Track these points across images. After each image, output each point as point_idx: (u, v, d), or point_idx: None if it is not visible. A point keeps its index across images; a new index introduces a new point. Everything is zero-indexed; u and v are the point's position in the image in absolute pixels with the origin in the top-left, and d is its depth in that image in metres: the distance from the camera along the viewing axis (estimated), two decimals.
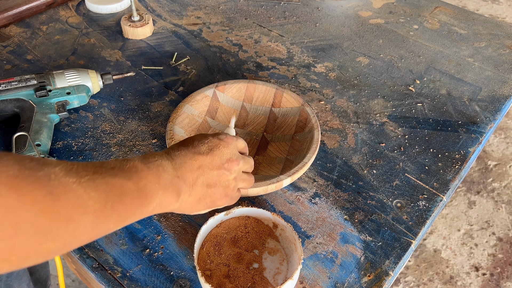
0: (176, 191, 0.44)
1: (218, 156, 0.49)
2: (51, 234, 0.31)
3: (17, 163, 0.31)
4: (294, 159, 0.66)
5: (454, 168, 0.70)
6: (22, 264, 0.31)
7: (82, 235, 0.34)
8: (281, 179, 0.59)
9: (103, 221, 0.36)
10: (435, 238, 1.59)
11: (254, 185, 0.58)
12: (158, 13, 1.02)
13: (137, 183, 0.39)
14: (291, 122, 0.72)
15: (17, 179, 0.30)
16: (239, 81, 0.74)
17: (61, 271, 0.59)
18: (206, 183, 0.48)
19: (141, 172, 0.41)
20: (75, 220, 0.33)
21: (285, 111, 0.73)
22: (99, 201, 0.35)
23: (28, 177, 0.30)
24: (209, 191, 0.49)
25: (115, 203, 0.37)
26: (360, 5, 1.07)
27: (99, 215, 0.35)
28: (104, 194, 0.36)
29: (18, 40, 0.93)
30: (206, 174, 0.48)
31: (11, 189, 0.29)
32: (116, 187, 0.37)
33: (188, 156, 0.48)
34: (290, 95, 0.73)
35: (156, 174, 0.42)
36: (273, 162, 0.68)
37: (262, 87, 0.74)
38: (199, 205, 0.49)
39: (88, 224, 0.34)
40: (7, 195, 0.29)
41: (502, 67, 0.89)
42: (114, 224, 0.37)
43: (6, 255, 0.29)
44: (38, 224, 0.30)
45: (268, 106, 0.74)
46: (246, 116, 0.75)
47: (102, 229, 0.36)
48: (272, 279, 0.55)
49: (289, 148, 0.69)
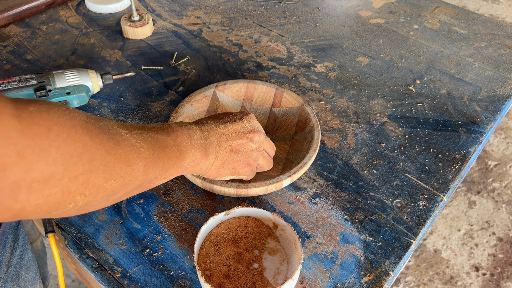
0: (204, 151, 0.50)
1: (240, 126, 0.55)
2: (115, 173, 0.36)
3: (84, 113, 0.35)
4: (294, 159, 0.65)
5: (454, 168, 0.70)
6: (93, 200, 0.35)
7: (136, 178, 0.39)
8: (281, 179, 0.59)
9: (152, 167, 0.41)
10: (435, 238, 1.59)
11: (254, 185, 0.58)
12: (158, 13, 1.02)
13: (174, 140, 0.46)
14: (291, 122, 0.72)
15: (87, 124, 0.34)
16: (239, 81, 0.74)
17: (61, 271, 0.59)
18: (229, 148, 0.54)
19: (176, 131, 0.47)
20: (132, 163, 0.38)
21: (285, 111, 0.73)
22: (148, 150, 0.41)
23: (94, 123, 0.35)
24: (232, 156, 0.54)
25: (160, 153, 0.43)
26: (360, 5, 1.06)
27: (149, 161, 0.41)
28: (151, 145, 0.41)
29: (18, 40, 0.93)
30: (229, 141, 0.54)
31: (85, 130, 0.33)
32: (159, 140, 0.43)
33: (214, 124, 0.54)
34: (290, 95, 0.73)
35: (188, 134, 0.48)
36: (273, 162, 0.68)
37: (262, 87, 0.74)
38: (223, 169, 0.54)
39: (141, 168, 0.39)
40: (83, 134, 0.33)
41: (502, 67, 0.89)
42: (160, 172, 0.43)
43: (82, 189, 0.33)
44: (106, 163, 0.35)
45: (268, 106, 0.74)
46: None
47: (150, 175, 0.42)
48: (272, 279, 0.55)
49: (289, 148, 0.69)
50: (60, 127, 0.31)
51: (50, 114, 0.31)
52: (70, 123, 0.32)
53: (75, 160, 0.32)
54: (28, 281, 0.65)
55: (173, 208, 0.63)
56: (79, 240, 0.60)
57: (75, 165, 0.32)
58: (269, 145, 0.59)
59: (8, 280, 0.61)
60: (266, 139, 0.58)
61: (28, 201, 0.30)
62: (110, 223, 0.62)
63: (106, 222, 0.62)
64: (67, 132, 0.32)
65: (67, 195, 0.32)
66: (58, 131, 0.31)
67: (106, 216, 0.63)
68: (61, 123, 0.31)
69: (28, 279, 0.66)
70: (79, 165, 0.32)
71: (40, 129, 0.30)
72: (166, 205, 0.64)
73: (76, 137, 0.32)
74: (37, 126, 0.29)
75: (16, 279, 0.63)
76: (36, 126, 0.29)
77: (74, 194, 0.33)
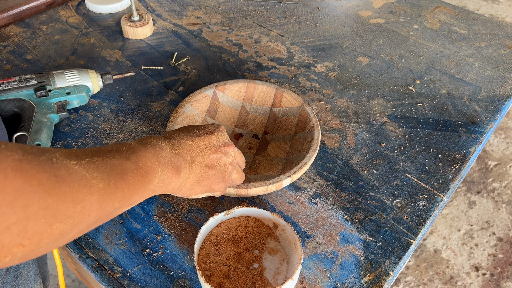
0: (175, 168, 0.45)
1: (214, 139, 0.51)
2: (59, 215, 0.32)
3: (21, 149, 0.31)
4: (294, 159, 0.65)
5: (454, 168, 0.70)
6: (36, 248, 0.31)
7: (89, 215, 0.35)
8: (281, 179, 0.59)
9: (109, 200, 0.36)
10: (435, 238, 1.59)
11: (254, 185, 0.58)
12: (158, 13, 1.02)
13: (136, 162, 0.41)
14: (291, 122, 0.72)
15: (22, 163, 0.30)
16: (239, 81, 0.74)
17: (61, 271, 0.59)
18: (204, 163, 0.50)
19: (138, 152, 0.42)
20: (81, 199, 0.34)
21: (285, 111, 0.73)
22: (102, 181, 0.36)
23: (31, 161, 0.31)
24: (207, 172, 0.50)
25: (117, 181, 0.37)
26: (360, 5, 1.06)
27: (104, 194, 0.36)
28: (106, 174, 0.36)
29: (18, 40, 0.93)
30: (204, 155, 0.49)
31: (18, 172, 0.29)
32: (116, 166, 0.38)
33: (185, 138, 0.49)
34: (290, 95, 0.73)
35: (153, 152, 0.43)
36: (273, 162, 0.68)
37: (262, 87, 0.74)
38: (198, 186, 0.50)
39: (94, 203, 0.35)
40: (14, 178, 0.29)
41: (502, 67, 0.89)
42: (120, 203, 0.38)
43: (19, 239, 0.30)
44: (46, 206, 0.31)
45: (268, 106, 0.74)
46: (246, 116, 0.75)
47: (108, 208, 0.37)
48: (272, 279, 0.55)
49: (289, 148, 0.69)
50: None
51: None
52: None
53: (5, 209, 0.28)
54: (28, 280, 0.66)
55: (173, 208, 0.63)
56: (79, 240, 0.60)
57: (4, 215, 0.28)
58: (241, 158, 0.57)
59: (8, 279, 0.61)
60: (239, 152, 0.56)
61: None
62: (110, 223, 0.62)
63: (106, 222, 0.62)
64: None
65: (0, 249, 0.29)
66: None
67: None
68: None
69: (29, 279, 0.66)
70: (11, 214, 0.28)
71: None
72: (166, 205, 0.64)
73: (5, 183, 0.28)
74: None
75: (17, 278, 0.63)
76: None
77: (9, 247, 0.29)
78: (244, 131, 0.74)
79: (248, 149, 0.72)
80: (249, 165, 0.68)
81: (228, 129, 0.74)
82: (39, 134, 0.68)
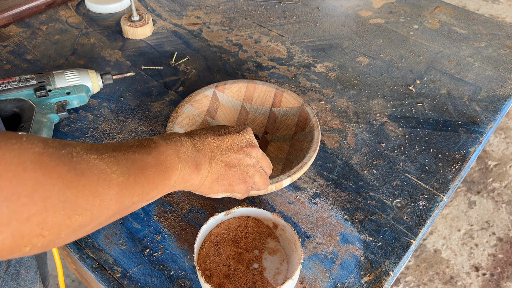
0: (196, 165, 0.46)
1: (237, 139, 0.50)
2: (78, 208, 0.33)
3: (42, 142, 0.32)
4: (294, 159, 0.65)
5: (454, 168, 0.70)
6: (56, 239, 0.32)
7: (108, 208, 0.36)
8: (281, 179, 0.59)
9: (128, 194, 0.37)
10: (435, 238, 1.59)
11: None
12: (158, 13, 1.02)
13: (157, 158, 0.41)
14: (291, 122, 0.72)
15: (42, 156, 0.31)
16: (239, 81, 0.74)
17: (61, 271, 0.59)
18: (225, 162, 0.49)
19: (159, 147, 0.42)
20: (101, 193, 0.34)
21: (285, 111, 0.73)
22: (121, 175, 0.36)
23: (52, 154, 0.32)
24: (227, 171, 0.49)
25: (137, 176, 0.38)
26: (360, 5, 1.06)
27: (123, 188, 0.36)
28: (126, 168, 0.37)
29: (18, 40, 0.93)
30: (225, 154, 0.49)
31: (37, 165, 0.30)
32: (136, 161, 0.39)
33: (208, 136, 0.49)
34: (290, 95, 0.73)
35: (174, 148, 0.44)
36: (273, 162, 0.68)
37: (262, 87, 0.74)
38: (217, 185, 0.50)
39: (113, 197, 0.36)
40: (34, 171, 0.30)
41: (502, 67, 0.89)
42: (138, 197, 0.39)
43: (39, 230, 0.30)
44: (65, 198, 0.31)
45: (268, 106, 0.74)
46: (246, 116, 0.75)
47: (126, 202, 0.38)
48: (272, 279, 0.55)
49: (289, 148, 0.69)
50: (3, 166, 0.28)
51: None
52: (18, 159, 0.29)
53: (25, 200, 0.29)
54: (28, 280, 0.66)
55: (173, 208, 0.63)
56: (79, 240, 0.60)
57: (24, 206, 0.29)
58: (267, 162, 0.55)
59: (7, 279, 0.61)
60: (264, 155, 0.54)
61: None
62: (110, 223, 0.62)
63: None
64: (13, 170, 0.29)
65: (20, 239, 0.30)
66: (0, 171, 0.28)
67: None
68: (6, 161, 0.28)
69: (28, 278, 0.66)
70: (31, 205, 0.29)
71: None
72: (166, 205, 0.64)
73: (25, 175, 0.29)
74: None
75: (16, 278, 0.63)
76: None
77: (30, 237, 0.30)
78: None
79: None
80: None
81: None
82: (39, 134, 0.68)
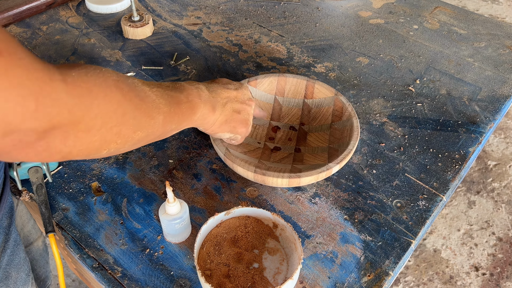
0: (212, 106, 0.56)
1: (242, 94, 0.63)
2: (140, 125, 0.42)
3: (115, 73, 0.41)
4: (338, 147, 0.67)
5: (454, 168, 0.70)
6: (122, 147, 0.42)
7: (157, 129, 0.46)
8: (331, 166, 0.60)
9: (169, 121, 0.47)
10: (435, 238, 1.59)
11: (306, 174, 0.59)
12: (158, 13, 1.02)
13: (187, 97, 0.52)
14: (326, 112, 0.73)
15: (119, 83, 0.40)
16: (270, 75, 0.75)
17: (61, 271, 0.59)
18: (233, 108, 0.60)
19: (188, 89, 0.53)
20: (154, 117, 0.44)
21: (319, 102, 0.74)
22: (166, 106, 0.46)
23: (124, 82, 0.41)
24: (234, 116, 0.60)
25: (175, 108, 0.49)
26: (360, 5, 1.07)
27: (167, 116, 0.47)
28: (168, 101, 0.47)
29: (18, 40, 0.93)
30: (233, 103, 0.60)
31: (118, 89, 0.39)
32: (174, 97, 0.49)
33: (220, 87, 0.60)
34: (322, 86, 0.74)
35: (197, 92, 0.54)
36: (316, 152, 0.69)
37: (293, 79, 0.75)
38: (226, 126, 0.60)
39: (161, 121, 0.45)
40: (116, 94, 0.39)
41: (502, 67, 0.89)
42: (175, 125, 0.49)
43: (115, 138, 0.40)
44: (134, 116, 0.41)
45: (300, 98, 0.75)
46: (280, 109, 0.76)
47: (168, 127, 0.48)
48: (272, 279, 0.55)
49: (329, 137, 0.71)
50: (98, 87, 0.37)
51: (88, 77, 0.36)
52: (105, 83, 0.38)
53: (111, 114, 0.38)
54: (18, 282, 0.65)
55: None
56: (80, 240, 0.60)
57: (110, 118, 0.38)
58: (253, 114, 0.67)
59: None
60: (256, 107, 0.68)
61: (74, 147, 0.36)
62: (110, 223, 0.62)
63: (106, 222, 0.62)
64: (104, 91, 0.37)
65: (103, 143, 0.39)
66: (97, 91, 0.36)
67: (106, 216, 0.63)
68: (98, 84, 0.37)
69: (19, 280, 0.65)
70: (114, 118, 0.38)
71: (83, 91, 0.35)
72: None
73: (111, 96, 0.38)
74: (80, 88, 0.35)
75: (6, 279, 0.62)
76: (79, 88, 0.35)
77: (109, 143, 0.39)
78: (281, 124, 0.75)
79: (288, 140, 0.73)
80: (293, 157, 0.70)
81: (264, 123, 0.75)
82: None
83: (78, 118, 0.35)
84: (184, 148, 0.72)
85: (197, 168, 0.69)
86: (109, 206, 0.64)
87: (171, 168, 0.69)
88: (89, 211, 0.63)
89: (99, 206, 0.64)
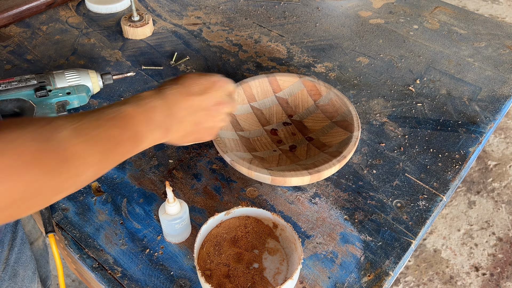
0: (165, 129, 0.49)
1: (208, 98, 0.53)
2: (63, 187, 0.38)
3: (32, 137, 0.35)
4: (341, 118, 0.69)
5: (454, 168, 0.70)
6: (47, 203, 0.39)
7: (87, 181, 0.41)
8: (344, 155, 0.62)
9: (103, 168, 0.43)
10: (435, 238, 1.59)
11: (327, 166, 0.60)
12: (158, 13, 1.02)
13: (131, 129, 0.45)
14: (302, 95, 0.75)
15: (36, 153, 0.35)
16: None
17: (61, 271, 0.59)
18: (193, 121, 0.52)
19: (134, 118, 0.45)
20: (81, 174, 0.39)
21: (289, 91, 0.75)
22: (98, 155, 0.41)
23: (44, 150, 0.36)
24: (195, 128, 0.53)
25: (111, 152, 0.43)
26: (360, 5, 1.07)
27: (100, 166, 0.42)
28: (103, 147, 0.41)
29: (18, 40, 0.93)
30: (195, 114, 0.52)
31: (34, 165, 0.34)
32: (112, 138, 0.43)
33: (182, 95, 0.51)
34: (283, 75, 0.75)
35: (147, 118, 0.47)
36: (327, 131, 0.71)
37: (254, 82, 0.75)
38: (186, 138, 0.54)
39: (90, 174, 0.41)
40: (31, 171, 0.34)
41: (502, 67, 0.89)
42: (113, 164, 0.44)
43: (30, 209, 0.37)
44: (54, 184, 0.37)
45: (271, 95, 0.76)
46: (262, 113, 0.76)
47: (102, 172, 0.43)
48: (272, 279, 0.55)
49: (325, 114, 0.72)
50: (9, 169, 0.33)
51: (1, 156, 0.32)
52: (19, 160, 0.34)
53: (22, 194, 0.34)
54: (25, 279, 0.66)
55: None
56: (79, 240, 0.60)
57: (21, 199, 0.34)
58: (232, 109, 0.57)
59: (5, 278, 0.61)
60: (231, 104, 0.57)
61: None
62: (110, 223, 0.62)
63: (106, 222, 0.62)
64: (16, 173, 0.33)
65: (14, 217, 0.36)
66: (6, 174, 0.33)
67: (106, 216, 0.63)
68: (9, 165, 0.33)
69: (26, 278, 0.66)
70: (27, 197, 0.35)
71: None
72: None
73: (25, 176, 0.34)
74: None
75: (14, 277, 0.63)
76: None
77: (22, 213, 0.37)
78: (274, 125, 0.75)
79: (293, 135, 0.73)
80: (306, 149, 0.70)
81: (260, 132, 0.74)
82: None
83: None
84: (184, 148, 0.72)
85: (197, 168, 0.69)
86: (109, 206, 0.64)
87: (171, 168, 0.69)
88: (89, 211, 0.63)
89: (99, 206, 0.64)
